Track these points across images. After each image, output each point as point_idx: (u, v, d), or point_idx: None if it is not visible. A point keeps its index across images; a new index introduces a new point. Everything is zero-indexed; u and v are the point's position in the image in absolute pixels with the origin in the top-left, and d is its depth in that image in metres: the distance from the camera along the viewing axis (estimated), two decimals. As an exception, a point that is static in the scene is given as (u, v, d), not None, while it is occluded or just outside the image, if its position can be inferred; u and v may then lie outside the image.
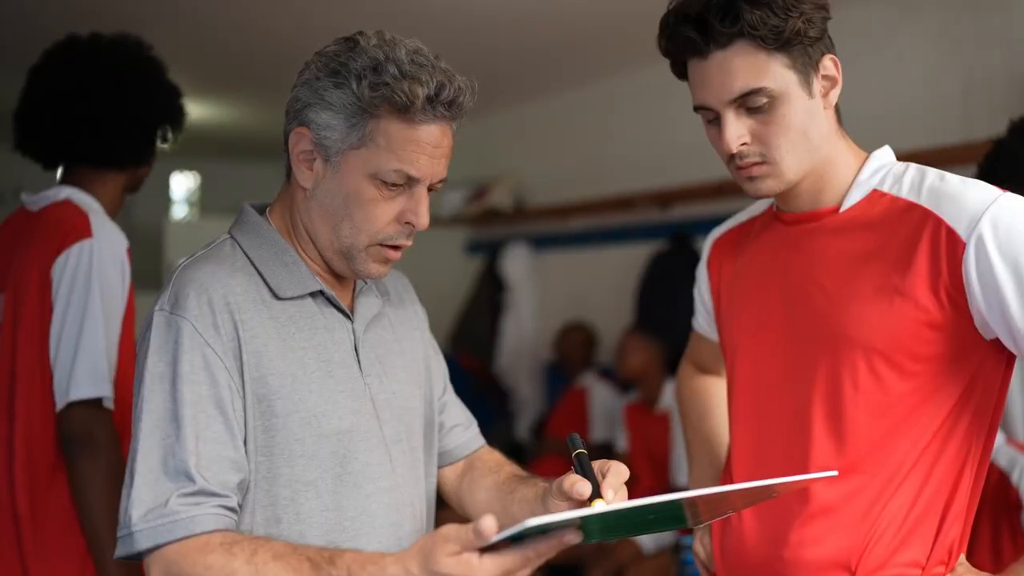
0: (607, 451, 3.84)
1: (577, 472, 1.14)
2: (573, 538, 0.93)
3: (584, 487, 1.10)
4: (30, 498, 1.73)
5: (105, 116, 1.84)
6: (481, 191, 4.94)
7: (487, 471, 1.43)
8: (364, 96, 1.16)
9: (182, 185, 7.66)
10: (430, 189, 1.24)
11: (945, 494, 1.24)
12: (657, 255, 3.94)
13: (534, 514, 1.25)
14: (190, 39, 3.83)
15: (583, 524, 0.93)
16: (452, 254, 5.60)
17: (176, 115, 1.96)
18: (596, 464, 1.15)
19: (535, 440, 4.51)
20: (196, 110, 5.35)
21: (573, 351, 4.31)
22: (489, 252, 5.06)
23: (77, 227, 1.77)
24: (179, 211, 7.67)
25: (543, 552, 0.93)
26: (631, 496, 1.10)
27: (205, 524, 1.09)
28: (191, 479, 1.11)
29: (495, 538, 0.91)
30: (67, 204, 1.82)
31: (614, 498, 1.10)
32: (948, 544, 1.24)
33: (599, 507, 1.04)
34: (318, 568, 1.04)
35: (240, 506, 1.17)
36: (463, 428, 1.48)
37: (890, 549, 1.23)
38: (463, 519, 1.07)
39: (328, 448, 1.21)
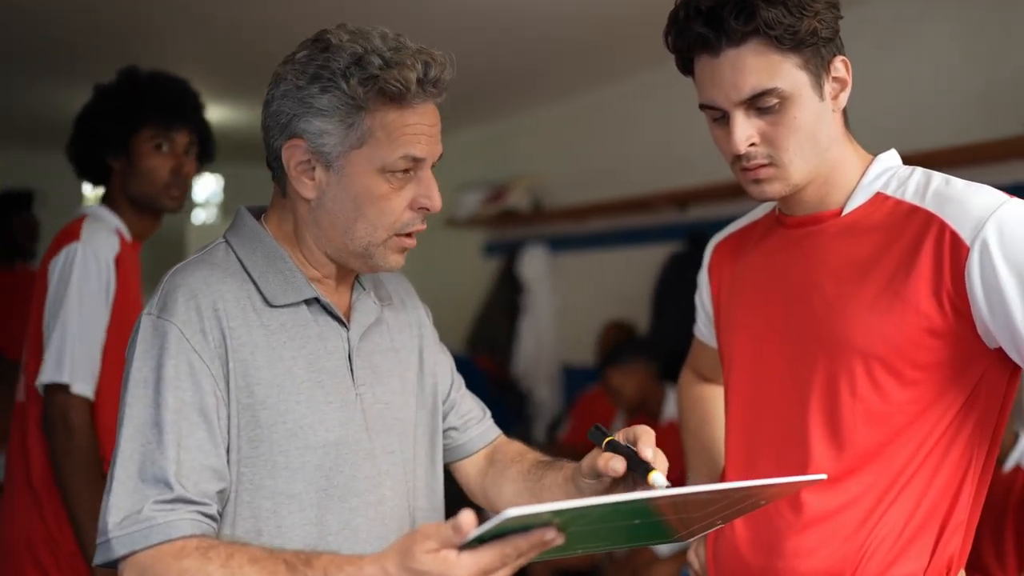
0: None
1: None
2: (554, 538, 0.89)
3: (619, 463, 1.08)
4: (41, 469, 1.94)
5: (73, 140, 2.09)
6: (499, 192, 4.94)
7: (510, 462, 1.40)
8: (357, 93, 1.14)
9: (205, 187, 7.71)
10: (432, 166, 1.22)
11: (945, 506, 1.20)
12: (674, 256, 3.92)
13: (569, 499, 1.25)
14: (212, 42, 3.85)
15: (564, 527, 0.90)
16: (470, 256, 5.59)
17: (105, 142, 2.07)
18: (621, 434, 1.13)
19: (548, 444, 4.47)
20: (219, 113, 5.39)
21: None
22: (507, 253, 5.05)
23: (71, 232, 1.96)
24: (202, 214, 7.71)
25: (523, 550, 0.90)
26: None
27: (182, 529, 1.08)
28: (169, 487, 1.09)
29: (474, 534, 0.88)
30: (83, 216, 2.04)
31: (655, 458, 1.07)
32: (947, 558, 1.21)
33: (656, 479, 1.04)
34: (294, 570, 1.02)
35: (220, 515, 1.15)
36: (477, 420, 1.45)
37: (886, 561, 1.20)
38: None
39: (314, 461, 1.19)
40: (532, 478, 1.33)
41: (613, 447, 1.12)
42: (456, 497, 1.46)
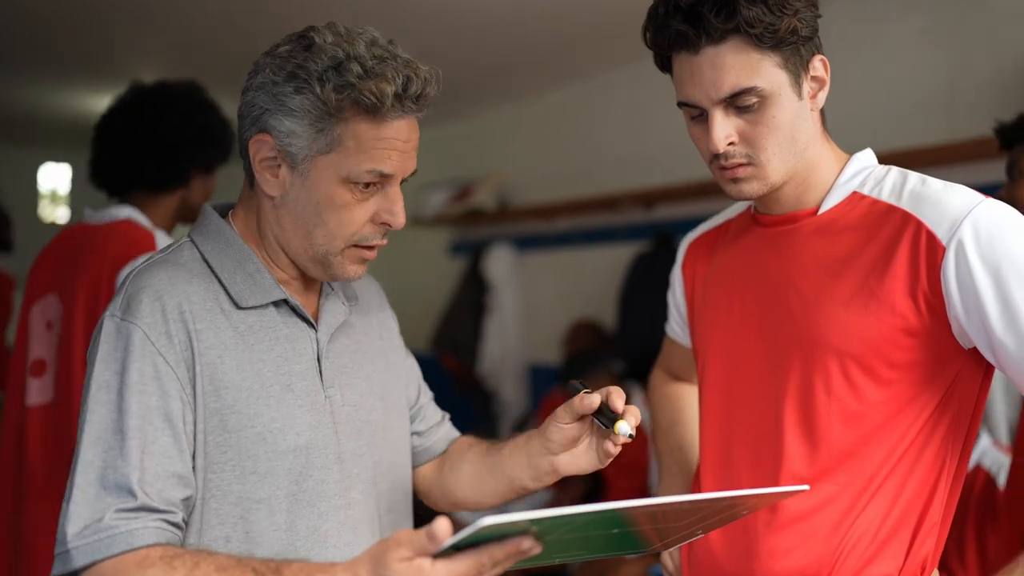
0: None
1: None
2: (531, 547, 0.88)
3: (594, 398, 1.14)
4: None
5: (137, 145, 2.06)
6: (465, 191, 4.92)
7: (465, 448, 1.40)
8: (330, 100, 1.11)
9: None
10: (401, 182, 1.20)
11: (919, 506, 1.20)
12: (640, 255, 3.93)
13: (531, 464, 1.25)
14: (173, 36, 3.80)
15: (542, 535, 0.88)
16: (435, 255, 5.57)
17: (208, 144, 2.12)
18: (598, 392, 1.16)
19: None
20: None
21: (584, 350, 4.24)
22: (473, 253, 5.03)
23: (143, 242, 1.95)
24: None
25: (499, 559, 0.88)
26: None
27: (145, 538, 1.04)
28: (132, 495, 1.05)
29: (449, 542, 0.87)
30: (129, 222, 2.01)
31: (625, 412, 1.12)
32: (921, 558, 1.21)
33: (621, 427, 1.11)
34: None
35: (186, 523, 1.12)
36: (439, 425, 1.44)
37: (862, 562, 1.19)
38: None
39: (283, 465, 1.16)
40: (492, 452, 1.34)
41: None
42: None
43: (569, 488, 3.66)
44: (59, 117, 5.63)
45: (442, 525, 0.87)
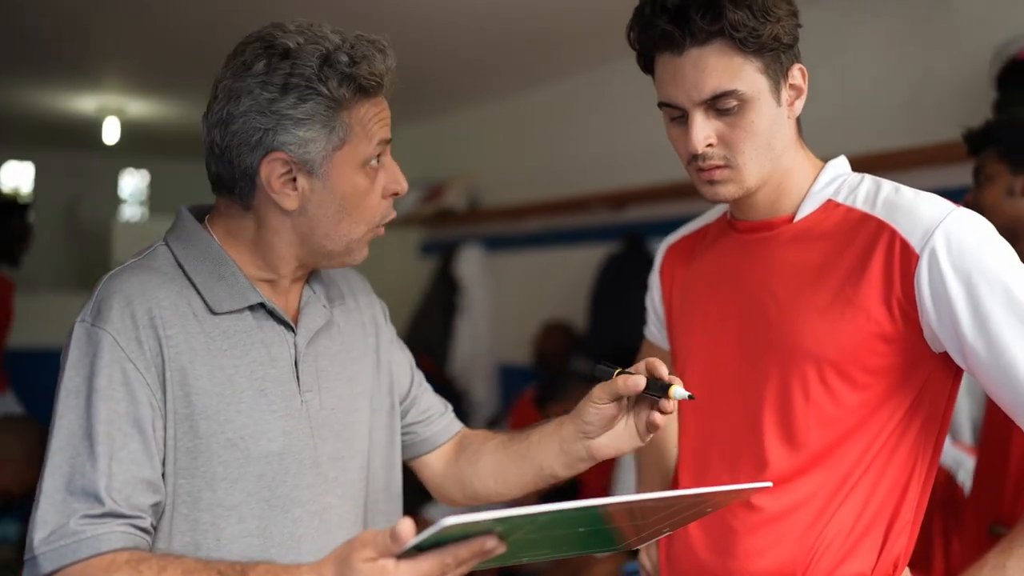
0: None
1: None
2: (495, 547, 0.88)
3: (640, 379, 1.12)
4: None
5: None
6: (435, 192, 4.92)
7: (484, 439, 1.39)
8: (337, 94, 1.13)
9: (131, 184, 7.54)
10: None
11: (892, 505, 1.23)
12: (611, 256, 3.95)
13: (564, 450, 1.25)
14: (139, 36, 3.77)
15: (506, 535, 0.88)
16: (406, 255, 5.56)
17: None
18: (636, 367, 1.16)
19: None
20: (146, 108, 5.28)
21: (555, 350, 4.26)
22: (443, 253, 5.03)
23: None
24: (128, 210, 7.54)
25: (463, 559, 0.88)
26: None
27: (112, 542, 1.04)
28: (99, 501, 1.05)
29: (412, 542, 0.87)
30: None
31: (674, 379, 1.12)
32: (894, 557, 1.24)
33: (677, 392, 1.10)
34: None
35: (155, 528, 1.12)
36: (440, 414, 1.43)
37: (836, 560, 1.22)
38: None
39: (255, 471, 1.16)
40: (517, 440, 1.32)
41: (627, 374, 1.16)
42: (416, 496, 1.43)
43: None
44: (23, 116, 5.56)
45: (405, 526, 0.87)
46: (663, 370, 1.13)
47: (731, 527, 1.27)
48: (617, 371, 1.17)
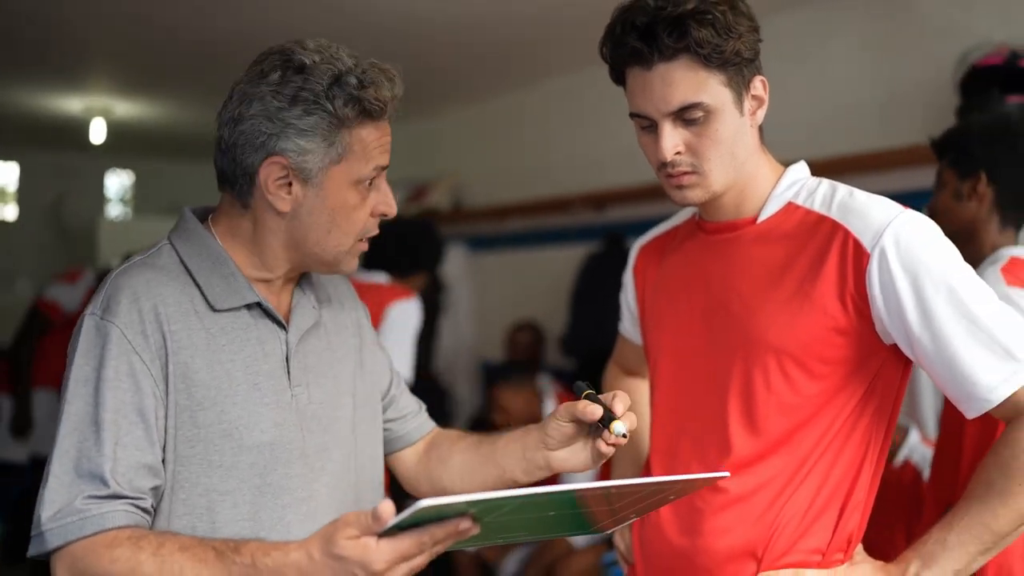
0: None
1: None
2: (469, 528, 0.95)
3: (596, 409, 1.18)
4: None
5: None
6: (420, 191, 4.96)
7: (455, 439, 1.46)
8: (341, 113, 1.20)
9: (116, 183, 7.54)
10: None
11: (845, 487, 1.31)
12: (591, 256, 4.01)
13: (525, 457, 1.31)
14: (126, 37, 3.79)
15: (479, 517, 0.95)
16: (390, 254, 5.58)
17: None
18: (602, 397, 1.22)
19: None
20: (131, 108, 5.29)
21: (523, 351, 4.33)
22: (427, 252, 5.07)
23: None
24: (113, 209, 7.54)
25: (440, 538, 0.96)
26: None
27: (115, 520, 1.11)
28: (104, 483, 1.12)
29: (392, 522, 0.94)
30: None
31: (623, 414, 1.17)
32: (847, 534, 1.32)
33: (616, 427, 1.15)
34: (223, 556, 1.06)
35: (155, 510, 1.18)
36: (415, 414, 1.51)
37: (794, 537, 1.30)
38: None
39: (248, 460, 1.22)
40: (486, 443, 1.39)
41: (591, 399, 1.21)
42: (404, 491, 1.49)
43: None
44: (10, 116, 5.56)
45: (386, 507, 0.95)
46: (619, 405, 1.19)
47: (698, 508, 1.34)
48: (585, 393, 1.23)
